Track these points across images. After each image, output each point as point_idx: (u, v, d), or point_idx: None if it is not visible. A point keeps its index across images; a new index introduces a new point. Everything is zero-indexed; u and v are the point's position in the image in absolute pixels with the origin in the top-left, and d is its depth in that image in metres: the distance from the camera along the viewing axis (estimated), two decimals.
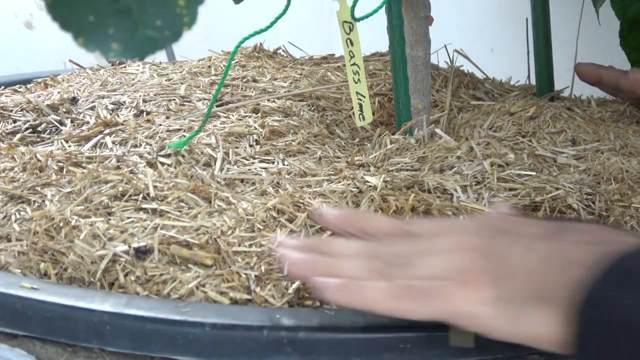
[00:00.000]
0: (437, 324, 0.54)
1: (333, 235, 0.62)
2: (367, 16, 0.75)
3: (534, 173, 0.74)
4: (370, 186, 0.70)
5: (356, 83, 0.78)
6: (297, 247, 0.59)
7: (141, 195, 0.68)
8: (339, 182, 0.71)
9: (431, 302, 0.52)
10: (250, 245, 0.63)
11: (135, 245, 0.62)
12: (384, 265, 0.55)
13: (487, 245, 0.53)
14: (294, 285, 0.60)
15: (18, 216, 0.67)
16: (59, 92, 0.91)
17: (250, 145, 0.79)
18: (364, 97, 0.80)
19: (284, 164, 0.76)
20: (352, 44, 0.77)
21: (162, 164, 0.74)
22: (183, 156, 0.75)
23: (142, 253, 0.62)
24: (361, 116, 0.80)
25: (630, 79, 0.91)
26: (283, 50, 1.07)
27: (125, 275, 0.61)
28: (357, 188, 0.70)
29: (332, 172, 0.74)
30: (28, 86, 0.99)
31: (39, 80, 1.00)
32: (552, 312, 0.48)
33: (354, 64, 0.78)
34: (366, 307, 0.54)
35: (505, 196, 0.69)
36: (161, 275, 0.60)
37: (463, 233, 0.55)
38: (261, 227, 0.65)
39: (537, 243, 0.52)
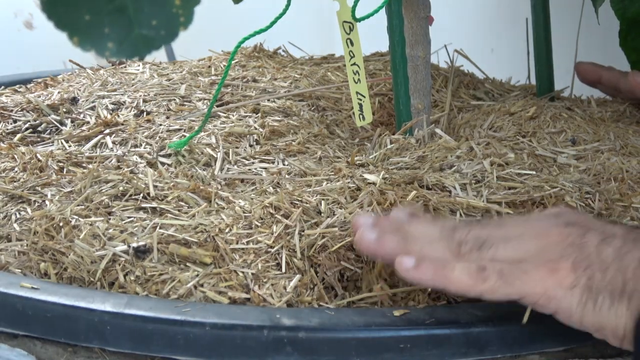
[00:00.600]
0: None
1: None
2: (367, 16, 0.75)
3: (533, 172, 0.74)
4: (369, 183, 0.70)
5: (356, 83, 0.78)
6: (372, 224, 0.59)
7: (141, 195, 0.69)
8: (338, 181, 0.71)
9: (511, 283, 0.54)
10: (247, 242, 0.63)
11: (135, 244, 0.62)
12: (465, 247, 0.57)
13: (566, 234, 0.56)
14: (292, 284, 0.60)
15: (18, 216, 0.67)
16: (59, 92, 0.91)
17: (250, 145, 0.79)
18: (364, 97, 0.79)
19: (284, 164, 0.76)
20: (352, 44, 0.77)
21: (162, 163, 0.74)
22: (183, 156, 0.75)
23: (141, 252, 0.62)
24: (361, 116, 0.80)
25: (631, 82, 0.91)
26: (283, 50, 1.07)
27: (125, 275, 0.61)
28: (356, 184, 0.70)
29: (332, 172, 0.74)
30: (28, 86, 0.99)
31: (39, 80, 1.00)
32: (622, 306, 0.52)
33: (354, 64, 0.78)
34: (444, 286, 0.56)
35: (504, 194, 0.69)
36: (160, 275, 0.60)
37: (542, 221, 0.58)
38: (258, 224, 0.65)
39: (612, 238, 0.55)
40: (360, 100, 0.80)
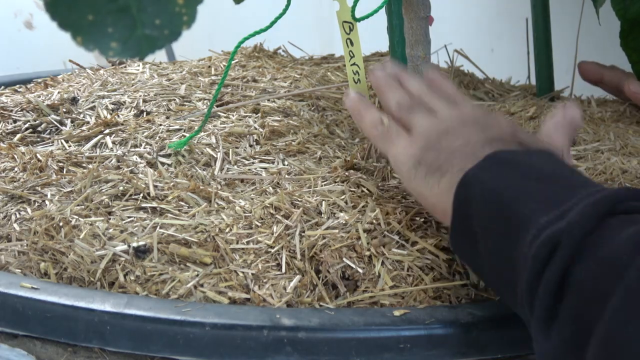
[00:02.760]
0: None
1: None
2: (367, 16, 0.75)
3: None
4: (367, 183, 0.70)
5: (356, 83, 0.78)
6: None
7: (141, 195, 0.68)
8: (336, 181, 0.71)
9: (385, 141, 0.66)
10: (247, 243, 0.63)
11: (135, 244, 0.62)
12: (405, 105, 0.68)
13: (440, 124, 0.64)
14: (292, 284, 0.60)
15: (18, 216, 0.67)
16: (59, 92, 0.91)
17: (250, 145, 0.79)
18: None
19: (284, 164, 0.76)
20: (352, 44, 0.77)
21: (162, 164, 0.74)
22: (183, 156, 0.75)
23: (141, 252, 0.62)
24: None
25: (626, 91, 0.91)
26: (283, 50, 1.07)
27: (125, 275, 0.61)
28: (355, 185, 0.70)
29: (329, 172, 0.74)
30: (28, 86, 0.99)
31: (39, 80, 1.00)
32: (448, 182, 0.59)
33: (354, 64, 0.78)
34: (356, 119, 0.70)
35: None
36: (160, 275, 0.60)
37: (451, 107, 0.66)
38: (259, 224, 0.65)
39: (467, 134, 0.62)
40: None
